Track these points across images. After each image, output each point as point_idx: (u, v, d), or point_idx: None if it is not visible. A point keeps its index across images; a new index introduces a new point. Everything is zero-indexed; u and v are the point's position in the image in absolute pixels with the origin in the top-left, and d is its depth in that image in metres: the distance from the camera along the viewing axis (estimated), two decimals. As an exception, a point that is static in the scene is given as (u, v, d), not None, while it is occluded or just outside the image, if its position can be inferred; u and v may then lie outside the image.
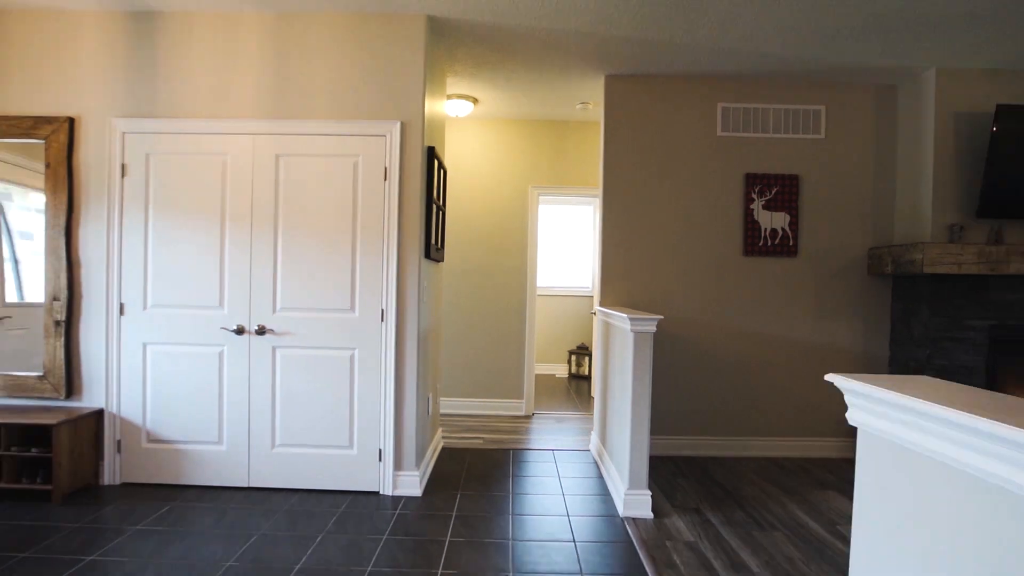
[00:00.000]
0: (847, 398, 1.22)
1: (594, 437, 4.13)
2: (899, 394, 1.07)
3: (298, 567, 2.40)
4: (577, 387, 6.61)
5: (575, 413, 5.31)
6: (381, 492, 3.23)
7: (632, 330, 2.95)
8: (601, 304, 4.02)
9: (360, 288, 3.21)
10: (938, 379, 1.19)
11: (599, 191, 4.23)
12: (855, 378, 1.20)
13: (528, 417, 5.11)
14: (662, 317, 3.15)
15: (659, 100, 4.07)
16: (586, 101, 4.61)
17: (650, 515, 2.98)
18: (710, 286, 4.07)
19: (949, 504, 1.00)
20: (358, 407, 3.22)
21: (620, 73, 4.03)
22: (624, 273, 4.08)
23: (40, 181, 3.26)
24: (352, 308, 3.22)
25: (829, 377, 1.24)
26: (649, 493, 2.99)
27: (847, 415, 1.25)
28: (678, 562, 2.51)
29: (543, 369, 7.45)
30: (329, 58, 3.22)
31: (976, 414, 0.89)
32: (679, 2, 2.98)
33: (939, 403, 0.97)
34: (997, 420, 0.85)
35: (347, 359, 3.22)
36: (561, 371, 7.49)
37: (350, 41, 3.22)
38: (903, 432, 1.11)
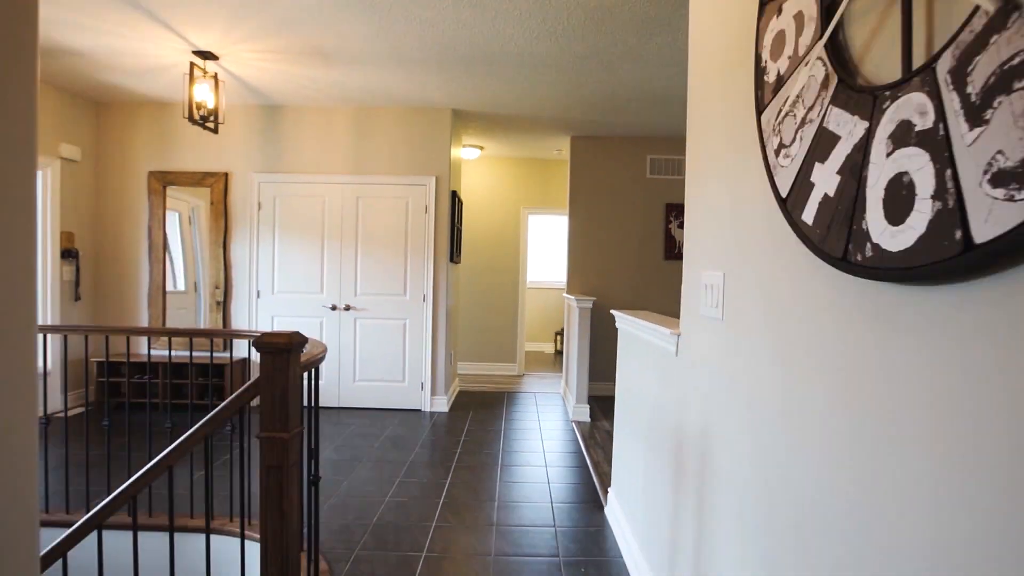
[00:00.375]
0: (616, 317, 3.06)
1: (562, 383, 6.02)
2: (622, 313, 2.94)
3: (383, 436, 4.30)
4: (560, 360, 8.49)
5: (554, 375, 7.19)
6: (422, 409, 5.13)
7: (578, 307, 4.83)
8: (567, 292, 5.89)
9: (409, 280, 5.10)
10: (649, 311, 3.04)
11: (567, 212, 6.09)
12: (617, 311, 3.06)
13: (520, 376, 6.99)
14: (595, 299, 5.02)
15: (606, 152, 5.92)
16: (560, 148, 6.47)
17: (588, 419, 4.87)
18: (641, 280, 5.93)
19: (638, 348, 2.85)
20: (408, 355, 5.11)
21: (580, 135, 5.89)
22: (584, 271, 5.95)
23: (185, 209, 5.17)
24: (404, 293, 5.10)
25: (612, 311, 3.09)
26: (588, 406, 4.88)
27: (616, 324, 3.09)
28: (597, 437, 4.40)
29: (534, 347, 9.32)
30: (389, 135, 5.10)
31: (639, 319, 2.75)
32: (609, 106, 4.84)
33: (631, 315, 2.84)
34: (642, 319, 2.71)
35: (401, 326, 5.11)
36: (548, 348, 9.36)
37: (403, 124, 5.09)
38: (625, 327, 2.96)
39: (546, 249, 9.49)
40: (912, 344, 0.79)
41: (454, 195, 5.28)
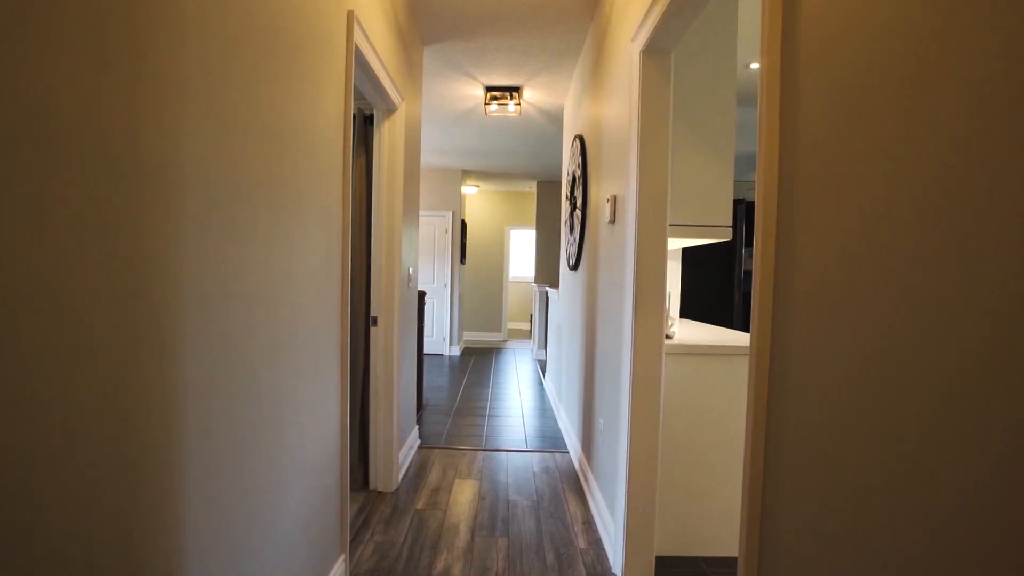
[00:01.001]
0: (547, 290, 6.21)
1: (532, 343, 9.22)
2: (547, 288, 6.11)
3: (425, 363, 7.48)
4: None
5: (528, 341, 10.38)
6: (444, 353, 8.30)
7: (538, 291, 8.03)
8: (535, 282, 9.09)
9: (436, 274, 8.26)
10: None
11: (535, 229, 9.24)
12: (547, 287, 6.23)
13: (504, 341, 10.18)
14: (549, 286, 8.23)
15: (558, 192, 9.09)
16: (530, 187, 9.66)
17: (544, 358, 8.06)
18: (583, 275, 9.15)
19: (552, 301, 6.01)
20: (435, 320, 8.28)
21: (543, 180, 9.08)
22: (546, 269, 9.13)
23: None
24: (433, 282, 8.26)
25: (546, 288, 6.24)
26: (545, 351, 8.09)
27: (548, 294, 6.25)
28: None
29: (514, 325, 12.50)
30: (425, 184, 8.24)
31: (550, 288, 5.93)
32: (556, 167, 8.03)
33: (548, 288, 6.03)
34: (551, 288, 5.90)
35: (431, 302, 8.27)
36: (525, 327, 12.55)
37: (432, 179, 8.25)
38: (550, 293, 6.12)
39: (523, 254, 12.69)
40: (575, 280, 4.01)
41: (463, 222, 8.45)
